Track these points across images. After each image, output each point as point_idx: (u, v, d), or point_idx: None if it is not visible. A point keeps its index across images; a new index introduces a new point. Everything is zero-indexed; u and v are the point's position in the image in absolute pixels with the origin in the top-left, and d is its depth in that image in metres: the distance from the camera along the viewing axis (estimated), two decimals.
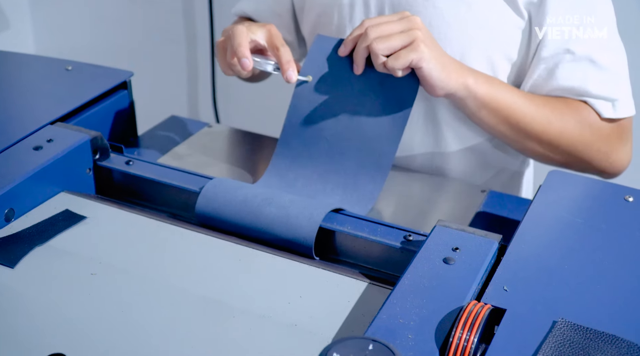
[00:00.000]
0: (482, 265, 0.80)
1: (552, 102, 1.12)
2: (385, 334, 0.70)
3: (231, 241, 0.92)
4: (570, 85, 1.11)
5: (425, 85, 1.03)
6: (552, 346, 0.68)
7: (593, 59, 1.11)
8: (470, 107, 1.08)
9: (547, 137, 1.11)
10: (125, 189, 1.06)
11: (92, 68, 1.25)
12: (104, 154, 1.05)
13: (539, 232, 0.87)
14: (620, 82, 1.13)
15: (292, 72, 1.05)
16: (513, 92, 1.10)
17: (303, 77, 1.08)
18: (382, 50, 1.00)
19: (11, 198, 0.93)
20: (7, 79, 1.18)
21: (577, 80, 1.11)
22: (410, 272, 0.79)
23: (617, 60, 1.14)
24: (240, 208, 0.94)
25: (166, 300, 0.81)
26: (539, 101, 1.11)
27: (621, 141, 1.15)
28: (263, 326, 0.77)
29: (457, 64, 1.05)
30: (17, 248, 0.88)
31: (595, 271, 0.80)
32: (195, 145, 1.22)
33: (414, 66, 1.00)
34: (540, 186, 0.94)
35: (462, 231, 0.85)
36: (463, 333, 0.69)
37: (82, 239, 0.90)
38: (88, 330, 0.77)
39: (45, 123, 1.06)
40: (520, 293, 0.76)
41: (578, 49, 1.11)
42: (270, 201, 0.94)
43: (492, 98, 1.07)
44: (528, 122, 1.10)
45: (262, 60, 1.07)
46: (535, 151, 1.14)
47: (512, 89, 1.10)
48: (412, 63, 0.99)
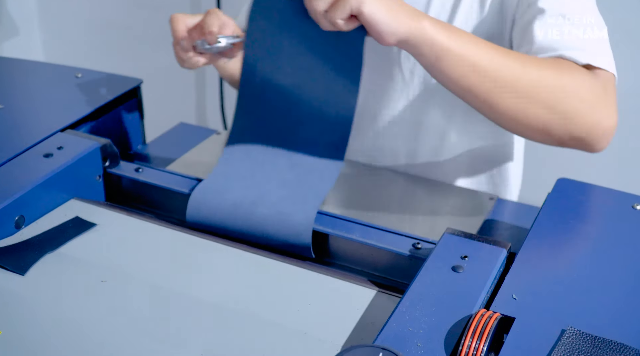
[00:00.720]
0: (491, 273, 0.80)
1: (521, 54, 1.00)
2: (394, 342, 0.70)
3: (240, 248, 0.92)
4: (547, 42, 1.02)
5: (373, 33, 0.93)
6: (561, 354, 0.68)
7: (566, 15, 1.03)
8: (427, 55, 0.94)
9: (522, 86, 0.96)
10: (134, 196, 1.06)
11: (102, 75, 1.25)
12: (114, 161, 1.06)
13: (547, 240, 0.87)
14: (600, 43, 1.03)
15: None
16: (477, 39, 0.96)
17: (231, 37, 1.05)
18: (320, 5, 0.92)
19: (21, 205, 0.93)
20: (18, 86, 1.19)
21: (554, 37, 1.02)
22: (419, 280, 0.79)
23: (594, 22, 1.04)
24: (231, 213, 0.95)
25: (176, 307, 0.82)
26: (508, 50, 0.98)
27: (606, 94, 0.99)
28: (273, 334, 0.78)
29: (409, 8, 0.93)
30: (28, 256, 0.88)
31: (604, 279, 0.80)
32: (204, 152, 1.22)
33: (355, 13, 0.90)
34: (549, 194, 0.94)
35: (470, 239, 0.85)
36: (472, 341, 0.69)
37: (92, 246, 0.91)
38: (97, 337, 0.77)
39: (55, 130, 1.06)
40: (529, 302, 0.76)
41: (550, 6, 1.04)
42: (259, 202, 0.95)
43: (453, 45, 0.94)
44: (498, 68, 0.95)
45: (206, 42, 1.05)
46: (510, 108, 0.97)
47: (476, 37, 0.97)
48: (353, 9, 0.90)
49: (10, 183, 0.95)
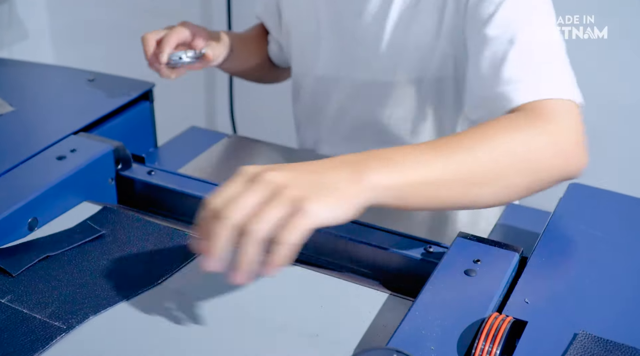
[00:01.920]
0: (503, 277, 0.80)
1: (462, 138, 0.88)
2: (407, 345, 0.71)
3: None
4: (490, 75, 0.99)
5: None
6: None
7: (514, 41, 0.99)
8: (396, 205, 0.82)
9: (485, 174, 0.86)
10: (147, 199, 1.06)
11: (114, 79, 1.26)
12: (126, 164, 1.06)
13: (559, 244, 0.87)
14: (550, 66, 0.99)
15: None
16: (418, 150, 0.84)
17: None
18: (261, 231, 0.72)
19: (35, 207, 0.94)
20: (31, 89, 1.19)
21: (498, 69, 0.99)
22: (431, 284, 0.79)
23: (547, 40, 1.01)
24: None
25: (187, 311, 0.82)
26: (452, 143, 0.87)
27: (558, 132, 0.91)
28: (285, 336, 0.78)
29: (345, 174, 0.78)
30: (24, 257, 0.88)
31: (616, 284, 0.80)
32: (215, 155, 1.23)
33: None
34: (561, 199, 0.94)
35: (483, 243, 0.85)
36: (486, 345, 0.69)
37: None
38: (111, 339, 0.78)
39: (68, 133, 1.07)
40: (542, 306, 0.76)
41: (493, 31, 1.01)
42: None
43: (403, 180, 0.80)
44: (455, 172, 0.84)
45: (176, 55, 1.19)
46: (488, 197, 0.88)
47: (415, 148, 0.85)
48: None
49: (24, 185, 0.95)
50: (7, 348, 0.74)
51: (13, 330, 0.77)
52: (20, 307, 0.80)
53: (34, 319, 0.79)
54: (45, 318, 0.79)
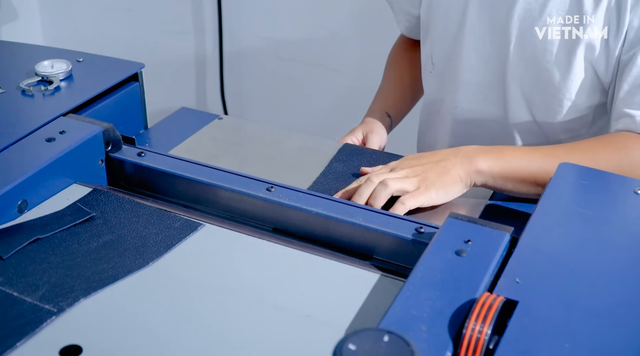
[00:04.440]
0: (494, 257, 0.80)
1: (580, 147, 1.09)
2: (398, 326, 0.71)
3: (243, 232, 0.92)
4: None
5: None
6: None
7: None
8: (494, 185, 1.06)
9: None
10: (137, 181, 1.06)
11: (103, 60, 1.25)
12: (116, 146, 1.06)
13: (549, 224, 0.87)
14: None
15: None
16: (527, 154, 1.06)
17: None
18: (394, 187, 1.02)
19: (24, 189, 0.93)
20: (19, 70, 1.18)
21: None
22: (422, 264, 0.79)
23: None
24: None
25: (180, 291, 0.82)
26: (560, 152, 1.07)
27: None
28: (277, 317, 0.78)
29: (460, 160, 1.05)
30: (14, 240, 0.88)
31: (606, 262, 0.80)
32: (207, 137, 1.22)
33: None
34: (551, 178, 0.94)
35: (473, 223, 0.85)
36: (477, 324, 0.69)
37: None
38: (101, 321, 0.77)
39: (57, 115, 1.06)
40: (532, 285, 0.76)
41: None
42: None
43: (510, 172, 1.04)
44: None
45: None
46: None
47: (526, 152, 1.07)
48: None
49: (13, 167, 0.95)
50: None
51: (3, 313, 0.77)
52: (10, 290, 0.80)
53: (24, 302, 0.78)
54: (36, 301, 0.78)
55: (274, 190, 0.98)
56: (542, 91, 1.21)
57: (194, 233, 0.91)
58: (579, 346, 0.69)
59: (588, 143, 1.10)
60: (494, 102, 1.27)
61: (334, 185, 1.08)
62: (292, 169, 1.14)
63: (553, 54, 1.17)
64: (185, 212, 0.97)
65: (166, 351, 0.74)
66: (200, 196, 1.02)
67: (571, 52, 1.15)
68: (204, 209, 1.01)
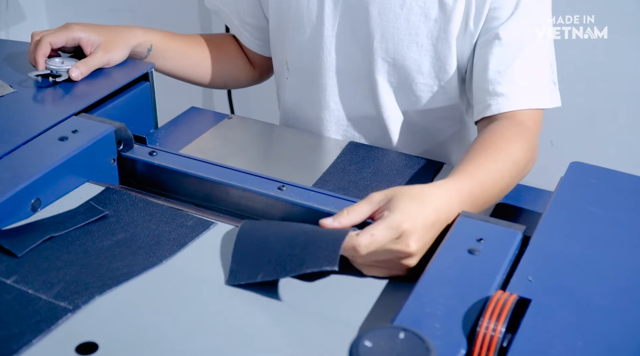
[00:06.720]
0: (506, 255, 0.81)
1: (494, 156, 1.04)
2: (412, 323, 0.71)
3: None
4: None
5: None
6: None
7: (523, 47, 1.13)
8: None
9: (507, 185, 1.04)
10: (149, 180, 1.06)
11: None
12: (128, 145, 1.06)
13: (561, 223, 0.87)
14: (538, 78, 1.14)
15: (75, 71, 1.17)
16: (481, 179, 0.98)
17: None
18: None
19: (37, 188, 0.94)
20: (30, 70, 1.19)
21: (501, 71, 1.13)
22: (435, 262, 0.80)
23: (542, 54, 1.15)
24: None
25: (194, 289, 0.82)
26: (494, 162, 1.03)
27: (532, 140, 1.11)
28: (290, 315, 0.78)
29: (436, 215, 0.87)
30: (28, 238, 0.88)
31: (617, 261, 0.81)
32: (217, 136, 1.23)
33: None
34: (562, 177, 0.94)
35: (486, 222, 0.86)
36: (490, 322, 0.70)
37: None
38: (117, 319, 0.78)
39: (69, 114, 1.07)
40: (545, 284, 0.76)
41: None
42: None
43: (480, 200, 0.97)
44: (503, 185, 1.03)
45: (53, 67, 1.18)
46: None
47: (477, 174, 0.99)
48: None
49: (26, 166, 0.95)
50: (13, 329, 0.75)
51: (18, 311, 0.77)
52: (26, 288, 0.81)
53: (40, 300, 0.79)
54: (51, 299, 0.79)
55: (285, 189, 0.98)
56: (411, 81, 1.21)
57: (207, 231, 0.92)
58: (592, 344, 0.70)
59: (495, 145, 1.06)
60: (364, 99, 1.26)
61: (340, 181, 1.10)
62: (299, 166, 1.17)
63: (418, 44, 1.17)
64: (196, 210, 0.97)
65: (180, 347, 0.74)
66: (212, 195, 1.02)
67: (437, 39, 1.17)
68: (216, 207, 1.01)
